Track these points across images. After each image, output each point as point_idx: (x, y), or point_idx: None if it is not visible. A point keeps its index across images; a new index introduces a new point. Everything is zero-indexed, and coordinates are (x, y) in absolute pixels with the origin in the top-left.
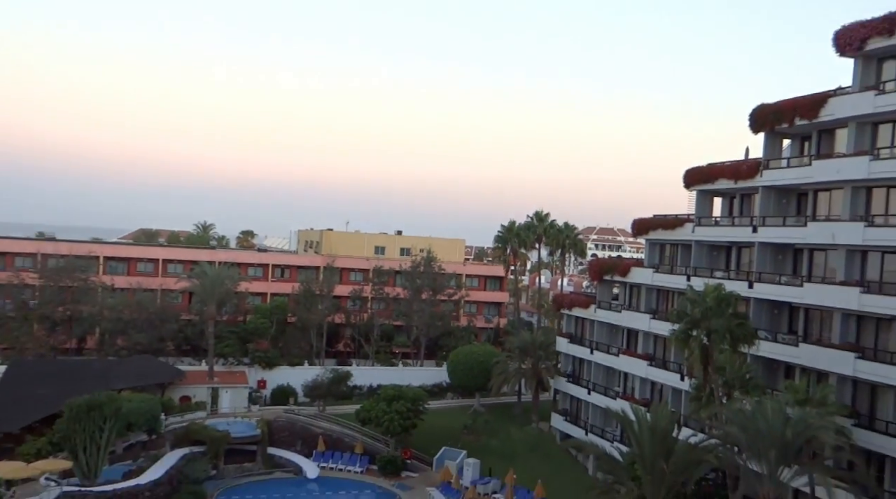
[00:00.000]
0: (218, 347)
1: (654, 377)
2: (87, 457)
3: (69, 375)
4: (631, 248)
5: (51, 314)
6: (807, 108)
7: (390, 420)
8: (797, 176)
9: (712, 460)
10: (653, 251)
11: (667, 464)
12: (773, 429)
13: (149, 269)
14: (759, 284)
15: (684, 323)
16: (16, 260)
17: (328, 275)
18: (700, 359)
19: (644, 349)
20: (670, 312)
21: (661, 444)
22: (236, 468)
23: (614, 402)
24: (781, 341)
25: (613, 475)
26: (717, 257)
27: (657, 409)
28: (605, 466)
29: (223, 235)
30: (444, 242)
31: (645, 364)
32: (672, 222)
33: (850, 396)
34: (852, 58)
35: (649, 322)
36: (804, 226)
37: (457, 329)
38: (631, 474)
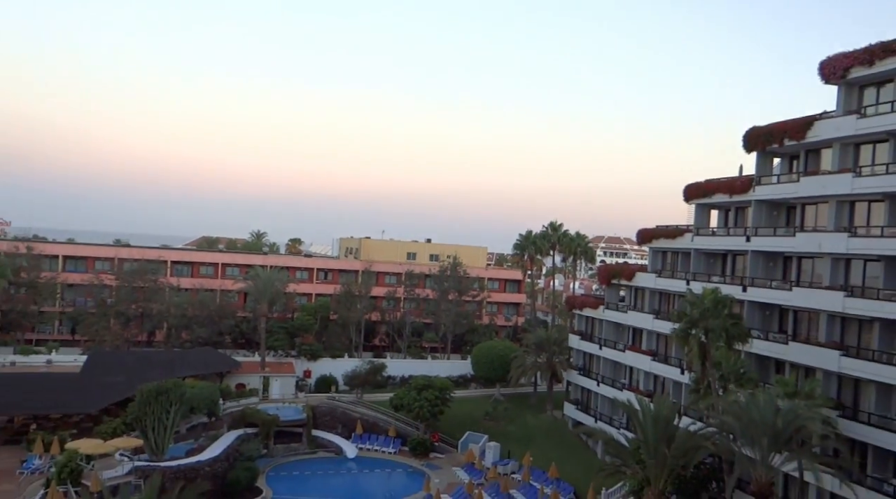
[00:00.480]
0: (269, 341)
1: (656, 371)
2: (155, 436)
3: (141, 364)
4: (636, 255)
5: (125, 311)
6: (795, 130)
7: (420, 407)
8: (787, 191)
9: (710, 447)
10: (655, 258)
11: (668, 449)
12: (765, 419)
13: (210, 272)
14: (752, 288)
15: (684, 323)
16: (96, 264)
17: (366, 278)
18: (698, 355)
19: (648, 346)
20: (671, 312)
21: (663, 431)
22: (285, 448)
23: (621, 393)
24: (772, 340)
25: (620, 459)
26: (713, 264)
27: (660, 400)
28: (613, 450)
29: (274, 242)
30: (469, 248)
31: (649, 359)
32: (673, 232)
33: (836, 389)
34: (836, 85)
35: (652, 322)
36: (793, 236)
37: (480, 326)
38: (636, 457)
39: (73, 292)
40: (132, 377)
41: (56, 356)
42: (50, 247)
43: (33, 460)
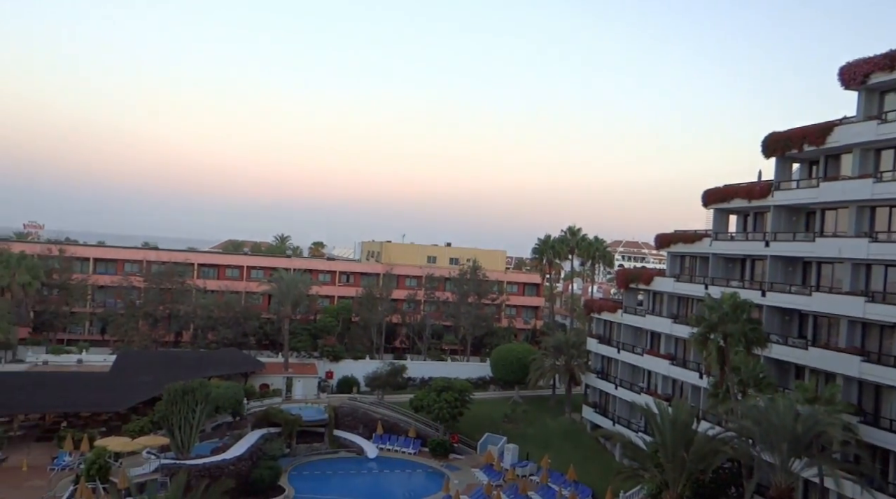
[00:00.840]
0: (292, 342)
1: (675, 375)
2: (181, 434)
3: (168, 364)
4: (654, 259)
5: (153, 312)
6: (815, 135)
7: (440, 408)
8: (806, 196)
9: (728, 451)
10: (674, 262)
11: (687, 453)
12: (784, 424)
13: (235, 274)
14: (771, 292)
15: (703, 327)
16: (125, 266)
17: (387, 281)
18: (717, 359)
19: (666, 350)
20: (690, 317)
21: (682, 435)
22: (307, 447)
23: (639, 396)
24: (792, 345)
25: (638, 462)
26: (732, 269)
27: (678, 404)
28: (631, 453)
29: (298, 246)
30: (488, 252)
31: (667, 363)
32: (691, 237)
33: (856, 395)
34: (856, 90)
35: (671, 326)
36: (812, 241)
37: (499, 329)
38: (654, 461)
39: (103, 294)
40: (159, 377)
41: (86, 356)
42: (81, 250)
43: (64, 457)
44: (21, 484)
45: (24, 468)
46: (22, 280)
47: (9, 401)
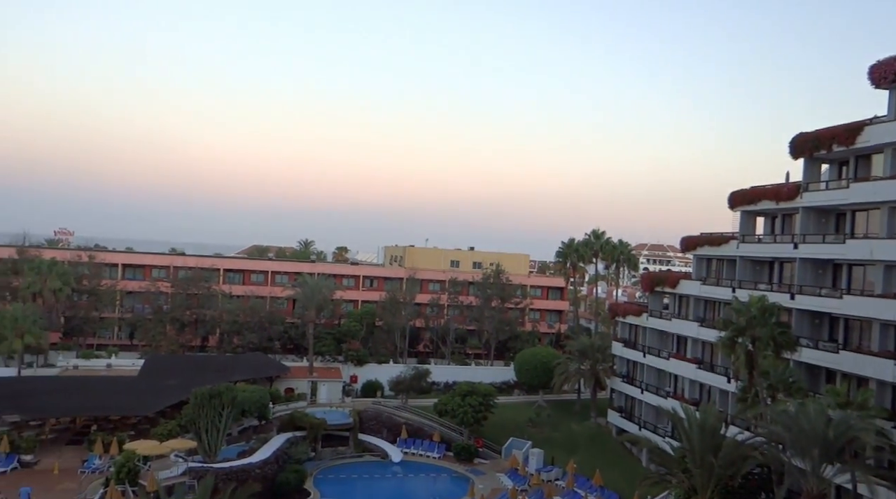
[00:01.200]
0: (317, 347)
1: (702, 379)
2: (208, 438)
3: (194, 368)
4: (679, 262)
5: (180, 317)
6: (844, 135)
7: (464, 413)
8: (836, 197)
9: (758, 457)
10: (700, 265)
11: (715, 458)
12: (815, 429)
13: (260, 279)
14: (801, 295)
15: (730, 331)
16: (153, 271)
17: (410, 285)
18: (745, 364)
19: (693, 354)
20: (717, 320)
21: (710, 440)
22: (332, 451)
23: (665, 401)
24: (822, 349)
25: (665, 467)
26: (760, 271)
27: (706, 408)
28: (658, 458)
29: (322, 251)
30: (511, 256)
31: (694, 367)
32: (718, 239)
33: (890, 400)
34: (886, 89)
35: (697, 329)
36: (843, 243)
37: (522, 333)
38: (682, 466)
39: (131, 299)
40: (187, 381)
41: (115, 360)
42: (110, 256)
43: (94, 460)
44: (53, 487)
45: (56, 471)
46: (53, 286)
47: (41, 405)
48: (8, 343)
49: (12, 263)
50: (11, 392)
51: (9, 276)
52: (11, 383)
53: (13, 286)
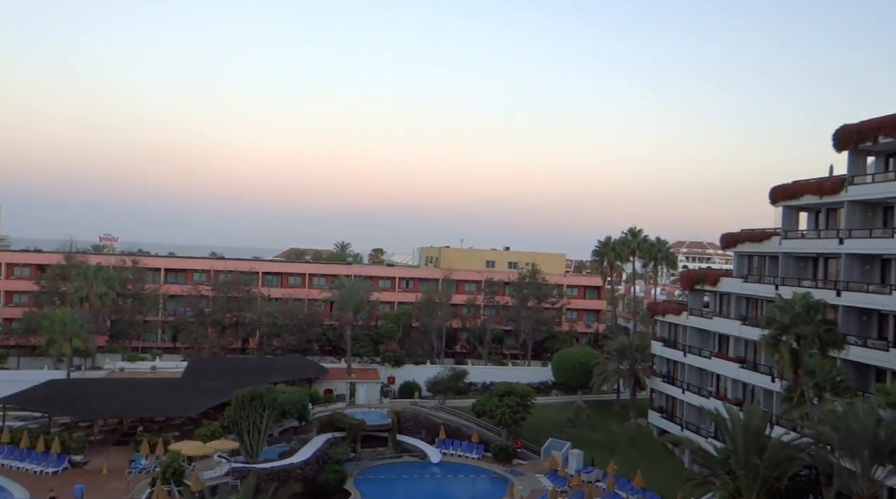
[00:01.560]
0: (354, 348)
1: (745, 379)
2: (250, 438)
3: (236, 370)
4: (720, 260)
5: (221, 320)
6: (890, 126)
7: (502, 413)
8: (884, 191)
9: (805, 458)
10: (741, 263)
11: (760, 460)
12: (865, 429)
13: (298, 282)
14: (847, 292)
15: (774, 329)
16: (194, 275)
17: (446, 286)
18: (790, 362)
19: (735, 353)
20: (760, 318)
21: (755, 441)
22: (371, 452)
23: (708, 401)
24: (871, 346)
25: (708, 469)
26: (803, 268)
27: (749, 408)
28: (701, 460)
29: (358, 253)
30: (547, 256)
31: (736, 366)
32: (759, 236)
33: None
34: None
35: (740, 328)
36: (891, 237)
37: (560, 333)
38: (726, 467)
39: (173, 303)
40: (228, 383)
41: (160, 363)
42: (152, 260)
43: (140, 460)
44: (102, 486)
45: (105, 471)
46: (99, 291)
47: (89, 407)
48: (57, 346)
49: (61, 269)
50: (61, 394)
51: (57, 281)
52: (61, 386)
53: (62, 291)
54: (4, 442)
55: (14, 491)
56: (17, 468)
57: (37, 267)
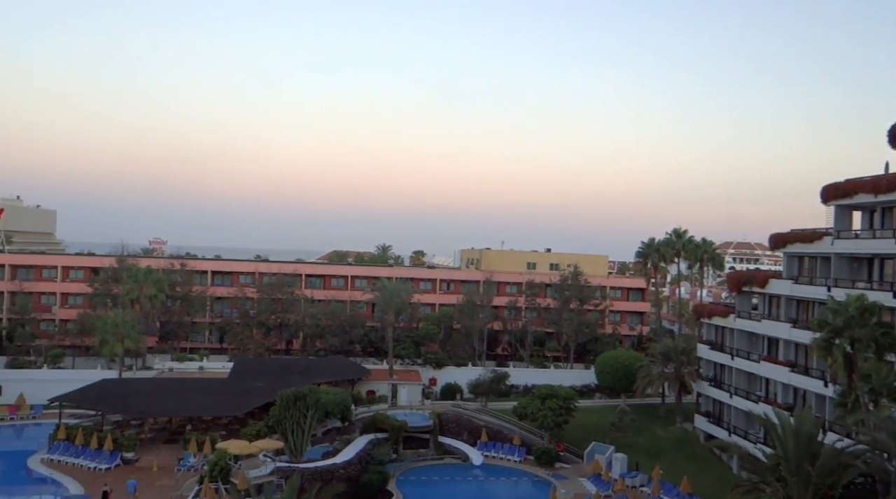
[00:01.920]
0: (396, 350)
1: (796, 383)
2: (294, 438)
3: (280, 370)
4: (769, 261)
5: (266, 321)
6: None
7: (544, 416)
8: None
9: (860, 466)
10: (791, 264)
11: (812, 467)
12: None
13: (340, 284)
14: None
15: (826, 332)
16: (240, 278)
17: (487, 288)
18: (844, 367)
19: (785, 356)
20: (811, 321)
21: (806, 447)
22: (413, 453)
23: (756, 406)
24: None
25: (758, 475)
26: (857, 269)
27: (801, 414)
28: (750, 466)
29: (399, 255)
30: (589, 257)
31: (787, 371)
32: (810, 236)
33: None
34: None
35: (790, 331)
36: None
37: (603, 336)
38: (776, 474)
39: (220, 304)
40: (273, 383)
41: (207, 363)
42: (200, 263)
43: (189, 458)
44: (152, 483)
45: (155, 469)
46: (149, 293)
47: (140, 405)
48: (110, 347)
49: (113, 272)
50: (114, 393)
51: (110, 284)
52: (114, 385)
53: (114, 293)
54: (60, 439)
55: (69, 486)
56: (71, 464)
57: (90, 270)
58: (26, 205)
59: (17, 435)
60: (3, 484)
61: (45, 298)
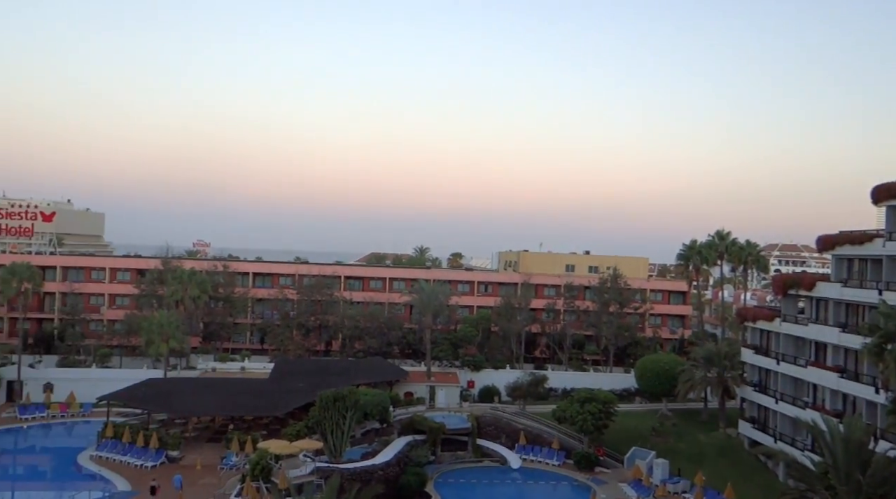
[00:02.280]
0: (434, 352)
1: (845, 389)
2: (333, 439)
3: (319, 371)
4: (816, 263)
5: (305, 322)
6: None
7: (584, 420)
8: None
9: None
10: (840, 266)
11: (863, 476)
12: None
13: (378, 286)
14: None
15: (877, 337)
16: (280, 279)
17: (525, 290)
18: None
19: (833, 362)
20: (861, 325)
21: (857, 455)
22: (451, 455)
23: (804, 412)
24: None
25: (805, 484)
26: None
27: (851, 421)
28: (797, 474)
29: (437, 257)
30: (629, 259)
31: (835, 376)
32: (860, 238)
33: None
34: None
35: (839, 335)
36: None
37: (643, 339)
38: (824, 483)
39: (261, 306)
40: (312, 384)
41: (248, 364)
42: (242, 265)
43: (231, 457)
44: (196, 481)
45: (198, 467)
46: (193, 294)
47: (185, 404)
48: (155, 347)
49: (158, 274)
50: (158, 392)
51: (155, 285)
52: (159, 384)
53: (159, 294)
54: (108, 437)
55: (117, 483)
56: (118, 462)
57: (137, 272)
58: (76, 208)
59: (68, 432)
60: (55, 480)
61: (94, 299)
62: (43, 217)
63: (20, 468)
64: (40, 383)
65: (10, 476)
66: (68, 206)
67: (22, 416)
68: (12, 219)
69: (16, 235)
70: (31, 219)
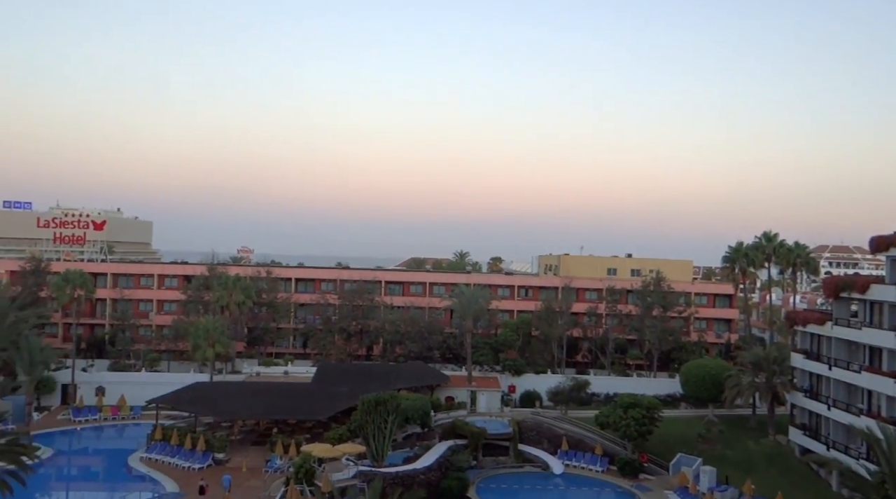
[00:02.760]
0: (474, 356)
1: None
2: (375, 443)
3: (361, 376)
4: (869, 265)
5: (347, 327)
6: None
7: (627, 426)
8: None
9: None
10: (894, 268)
11: None
12: None
13: (418, 290)
14: None
15: None
16: (322, 285)
17: (566, 294)
18: None
19: (889, 367)
20: None
21: None
22: (492, 460)
23: (858, 419)
24: None
25: (860, 493)
26: None
27: None
28: (852, 483)
29: (476, 262)
30: (672, 262)
31: (892, 382)
32: None
33: None
34: None
35: (895, 339)
36: None
37: (688, 343)
38: (881, 493)
39: (303, 311)
40: (354, 388)
41: (291, 368)
42: (284, 271)
43: (276, 460)
44: (242, 484)
45: (244, 470)
46: (237, 300)
47: (230, 408)
48: (202, 351)
49: (204, 280)
50: (205, 396)
51: (201, 291)
52: (205, 388)
53: (205, 300)
54: (157, 439)
55: (165, 485)
56: (167, 463)
57: (183, 278)
58: (126, 217)
59: (119, 434)
60: (107, 481)
61: (143, 305)
62: (94, 226)
63: (74, 469)
64: (93, 387)
65: (65, 477)
66: (118, 214)
67: (76, 418)
68: (66, 228)
69: (69, 244)
70: (83, 228)
